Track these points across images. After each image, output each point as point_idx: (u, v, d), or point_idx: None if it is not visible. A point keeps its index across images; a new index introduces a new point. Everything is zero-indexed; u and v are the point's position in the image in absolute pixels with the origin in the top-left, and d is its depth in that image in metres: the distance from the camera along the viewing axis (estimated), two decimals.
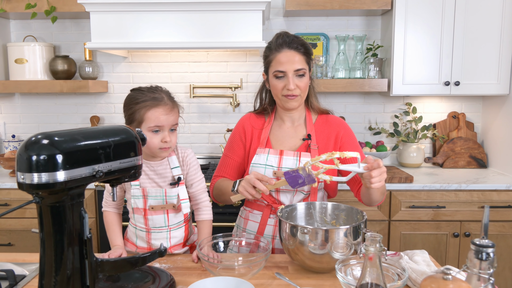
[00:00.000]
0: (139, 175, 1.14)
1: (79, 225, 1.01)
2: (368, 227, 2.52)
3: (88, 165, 0.98)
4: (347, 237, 1.26)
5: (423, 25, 2.66)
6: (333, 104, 3.08)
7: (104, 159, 1.02)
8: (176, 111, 1.46)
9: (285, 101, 1.59)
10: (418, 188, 2.49)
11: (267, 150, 1.61)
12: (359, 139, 3.10)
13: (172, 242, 1.47)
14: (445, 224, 2.50)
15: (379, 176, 1.31)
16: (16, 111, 3.15)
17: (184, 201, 1.46)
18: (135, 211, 1.47)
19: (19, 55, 2.87)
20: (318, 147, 1.62)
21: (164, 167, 1.48)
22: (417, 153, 2.95)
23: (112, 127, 1.08)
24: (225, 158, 1.72)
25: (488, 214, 0.75)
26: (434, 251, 2.53)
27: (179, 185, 1.46)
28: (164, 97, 1.43)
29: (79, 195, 1.00)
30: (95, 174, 0.99)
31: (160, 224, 1.46)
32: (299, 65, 1.55)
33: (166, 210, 1.46)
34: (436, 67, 2.70)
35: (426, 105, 3.08)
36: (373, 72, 2.84)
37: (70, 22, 3.06)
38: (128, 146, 1.08)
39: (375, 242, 0.92)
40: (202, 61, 3.05)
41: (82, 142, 0.98)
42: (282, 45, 1.56)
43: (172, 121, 1.42)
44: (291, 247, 1.28)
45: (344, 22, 3.01)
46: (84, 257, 1.01)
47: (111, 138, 1.05)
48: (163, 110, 1.40)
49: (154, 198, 1.45)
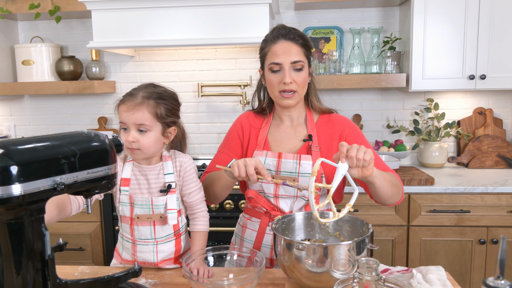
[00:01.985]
0: (113, 186, 1.03)
1: (40, 244, 0.90)
2: (385, 233, 2.36)
3: (48, 176, 0.88)
4: (350, 252, 1.11)
5: (444, 15, 2.47)
6: (348, 101, 2.92)
7: (67, 169, 0.91)
8: (144, 109, 1.28)
9: (281, 98, 1.45)
10: (439, 191, 2.30)
11: (264, 153, 1.48)
12: (376, 138, 2.93)
13: (160, 257, 1.34)
14: (469, 230, 2.31)
15: (357, 151, 1.15)
16: (25, 113, 3.12)
17: (171, 212, 1.33)
18: (123, 219, 1.37)
19: (26, 57, 2.82)
20: (320, 148, 1.48)
21: (157, 172, 1.36)
22: (440, 153, 2.75)
23: (79, 134, 0.98)
24: (220, 154, 1.59)
25: (505, 247, 0.59)
26: (458, 259, 2.34)
27: (168, 193, 1.33)
28: (138, 94, 1.30)
29: (38, 211, 0.90)
30: (56, 186, 0.89)
31: (146, 236, 1.34)
32: (296, 57, 1.41)
33: (153, 221, 1.33)
34: (459, 60, 2.50)
35: (450, 100, 2.87)
36: (391, 66, 2.66)
37: (77, 21, 2.99)
38: (98, 154, 0.97)
39: (371, 270, 0.78)
40: (211, 58, 2.93)
41: (41, 151, 0.88)
42: (279, 36, 1.43)
43: (134, 119, 1.27)
44: (287, 264, 1.15)
45: (359, 14, 2.84)
46: (47, 279, 0.91)
47: (77, 146, 0.94)
48: (126, 107, 1.28)
49: (140, 207, 1.33)
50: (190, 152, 3.05)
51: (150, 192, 1.35)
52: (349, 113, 2.93)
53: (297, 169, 1.43)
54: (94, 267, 1.37)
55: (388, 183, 1.33)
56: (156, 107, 1.30)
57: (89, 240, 2.52)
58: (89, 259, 2.54)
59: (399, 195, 1.42)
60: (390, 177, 1.37)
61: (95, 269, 1.35)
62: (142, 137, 1.29)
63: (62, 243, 1.11)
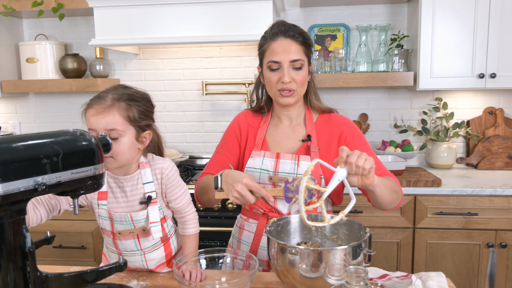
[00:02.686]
0: (99, 186, 0.99)
1: (20, 245, 0.88)
2: (390, 235, 2.30)
3: (29, 176, 0.85)
4: (345, 257, 1.07)
5: (454, 11, 2.40)
6: (355, 100, 2.86)
7: (50, 169, 0.88)
8: (116, 113, 1.16)
9: (280, 96, 1.41)
10: (446, 192, 2.24)
11: (262, 153, 1.44)
12: (383, 138, 2.87)
13: (150, 264, 1.30)
14: (477, 233, 2.25)
15: (358, 158, 1.08)
16: (30, 111, 3.12)
17: (154, 225, 1.24)
18: (104, 232, 1.31)
19: (30, 54, 2.82)
20: (319, 149, 1.43)
21: (134, 182, 1.26)
22: (448, 153, 2.68)
23: (64, 132, 0.95)
24: (217, 154, 1.54)
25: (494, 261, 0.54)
26: (465, 263, 2.28)
27: (149, 205, 1.25)
28: (107, 96, 1.18)
29: (19, 212, 0.87)
30: (37, 187, 0.86)
31: (131, 248, 1.29)
32: (296, 55, 1.36)
33: (136, 234, 1.27)
34: (468, 58, 2.43)
35: (459, 100, 2.80)
36: (398, 64, 2.59)
37: (81, 19, 2.98)
38: (83, 154, 0.94)
39: (359, 279, 0.74)
40: (215, 56, 2.90)
41: (21, 151, 0.85)
42: (278, 33, 1.38)
43: (104, 124, 1.15)
44: (280, 268, 1.11)
45: (366, 11, 2.78)
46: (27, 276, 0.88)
47: (60, 146, 0.91)
48: (95, 110, 1.16)
49: (119, 223, 1.25)
50: (195, 151, 3.01)
51: (129, 205, 1.26)
52: (355, 112, 2.87)
53: (296, 170, 1.39)
54: (87, 267, 1.34)
55: (389, 190, 1.28)
56: (128, 109, 1.19)
57: (91, 238, 2.50)
58: (91, 258, 2.53)
59: (398, 200, 1.37)
60: (390, 184, 1.31)
61: None
62: (114, 143, 1.16)
63: (50, 236, 1.07)
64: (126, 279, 1.26)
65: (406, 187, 2.27)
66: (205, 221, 2.34)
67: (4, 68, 2.80)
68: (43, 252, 2.49)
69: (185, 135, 3.01)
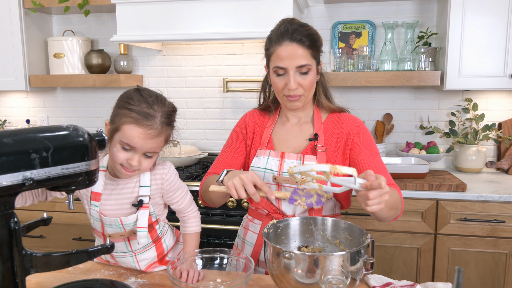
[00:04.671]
0: (91, 183, 0.99)
1: (9, 239, 0.88)
2: (410, 240, 2.22)
3: (17, 171, 0.85)
4: (343, 263, 1.02)
5: (485, 8, 2.28)
6: (379, 99, 2.77)
7: (39, 164, 0.88)
8: (162, 139, 1.19)
9: (287, 101, 1.37)
10: (471, 198, 2.13)
11: (267, 152, 1.40)
12: (408, 139, 2.76)
13: (143, 265, 1.29)
14: (504, 242, 2.13)
15: (378, 198, 1.04)
16: (58, 105, 3.20)
17: (141, 230, 1.22)
18: (95, 232, 1.31)
19: (58, 50, 2.89)
20: (327, 148, 1.38)
21: (132, 185, 1.26)
22: (477, 157, 2.55)
23: (56, 128, 0.95)
24: (223, 154, 1.52)
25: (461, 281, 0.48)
26: (490, 272, 2.16)
27: (140, 209, 1.23)
28: (156, 118, 1.16)
29: (7, 206, 0.88)
30: (24, 182, 0.86)
31: (122, 250, 1.28)
32: (303, 60, 1.30)
33: (127, 237, 1.26)
34: (500, 58, 2.30)
35: (490, 101, 2.66)
36: (425, 63, 2.49)
37: (107, 15, 3.03)
38: (74, 149, 0.94)
39: None
40: (237, 53, 2.88)
41: (9, 145, 0.85)
42: (283, 36, 1.30)
43: (149, 148, 1.17)
44: (275, 273, 1.08)
45: (393, 8, 2.68)
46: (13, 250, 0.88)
47: (51, 141, 0.91)
48: (143, 134, 1.15)
49: (110, 227, 1.25)
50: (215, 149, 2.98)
51: (121, 207, 1.25)
52: (379, 112, 2.78)
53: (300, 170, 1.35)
54: (89, 262, 1.35)
55: (387, 209, 1.21)
56: (170, 132, 1.23)
57: None
58: None
59: (396, 215, 1.31)
60: (391, 201, 1.23)
61: (89, 265, 1.33)
62: (146, 160, 1.19)
63: (47, 217, 1.09)
64: (125, 275, 1.26)
65: (428, 191, 2.18)
66: (206, 218, 2.30)
67: (33, 63, 2.89)
68: (63, 244, 2.55)
69: (206, 132, 3.01)
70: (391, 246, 2.24)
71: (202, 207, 2.30)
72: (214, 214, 2.32)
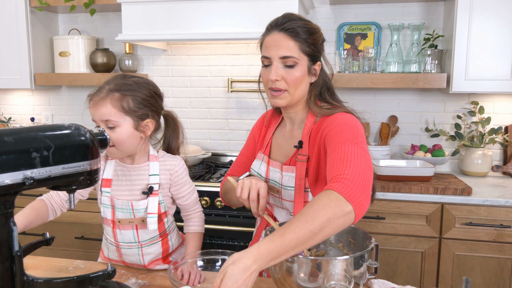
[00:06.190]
0: (92, 182, 0.99)
1: (7, 239, 0.88)
2: (414, 244, 2.19)
3: (17, 170, 0.85)
4: (346, 267, 1.01)
5: (492, 11, 2.25)
6: (384, 101, 2.75)
7: (40, 163, 0.88)
8: (107, 103, 1.19)
9: (271, 96, 1.27)
10: (477, 202, 2.11)
11: (261, 156, 1.38)
12: (413, 142, 2.74)
13: (146, 259, 1.30)
14: (509, 247, 2.10)
15: None
16: (62, 103, 3.20)
17: (152, 216, 1.24)
18: (105, 221, 1.32)
19: (63, 48, 2.89)
20: (309, 157, 1.26)
21: (142, 172, 1.29)
22: (483, 160, 2.53)
23: (58, 127, 0.94)
24: (240, 156, 1.51)
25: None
26: (495, 277, 2.14)
27: (150, 196, 1.26)
28: (104, 87, 1.23)
29: (7, 205, 0.87)
30: (25, 181, 0.85)
31: (129, 240, 1.29)
32: (287, 51, 1.19)
33: (135, 225, 1.27)
34: (507, 61, 2.28)
35: (497, 104, 2.63)
36: (431, 66, 2.47)
37: (113, 14, 3.03)
38: (76, 148, 0.94)
39: None
40: (242, 53, 2.87)
41: (10, 144, 0.85)
42: (274, 26, 1.24)
43: (100, 115, 1.20)
44: (277, 276, 1.06)
45: (399, 9, 2.66)
46: (14, 276, 0.88)
47: (53, 140, 0.90)
48: (92, 102, 1.23)
49: (121, 211, 1.27)
50: (219, 149, 2.99)
51: (132, 193, 1.28)
52: (384, 114, 2.76)
53: (281, 180, 1.30)
54: (89, 262, 1.35)
55: (303, 222, 0.94)
56: (121, 99, 1.21)
57: None
58: None
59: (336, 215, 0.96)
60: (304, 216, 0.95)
61: (90, 265, 1.33)
62: (112, 133, 1.21)
63: (49, 237, 1.08)
64: (126, 276, 1.25)
65: (433, 195, 2.15)
66: (209, 219, 2.28)
67: (38, 61, 2.89)
68: (65, 242, 2.55)
69: (210, 132, 3.00)
70: (395, 249, 2.22)
71: (219, 208, 2.29)
72: (217, 215, 2.31)
